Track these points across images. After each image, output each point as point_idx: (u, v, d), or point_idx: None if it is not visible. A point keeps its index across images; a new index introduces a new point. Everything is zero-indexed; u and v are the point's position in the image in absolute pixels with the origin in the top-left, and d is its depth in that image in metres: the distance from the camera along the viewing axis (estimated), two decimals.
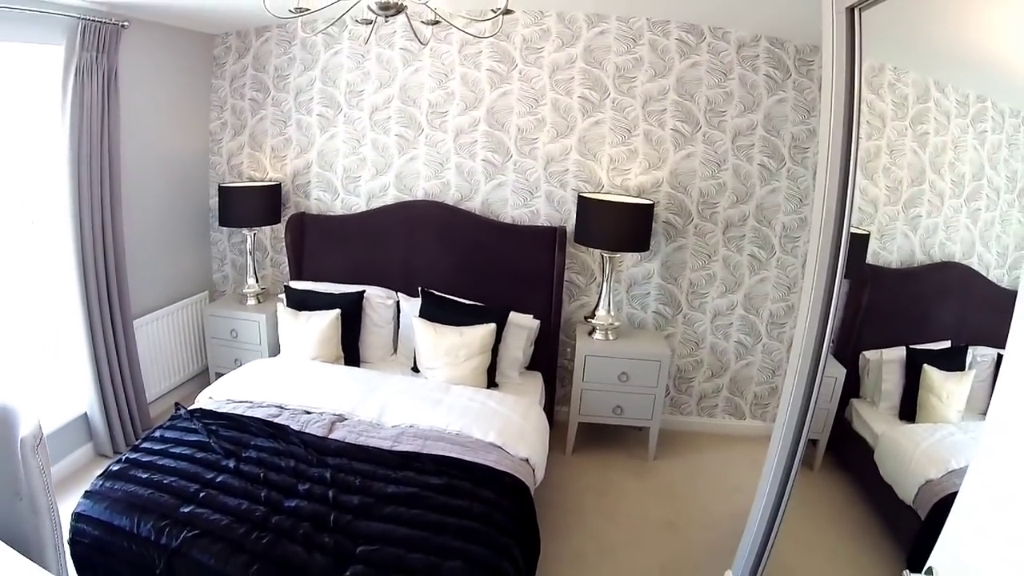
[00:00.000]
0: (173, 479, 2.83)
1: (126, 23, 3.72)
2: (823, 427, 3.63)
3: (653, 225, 4.32)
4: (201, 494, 2.75)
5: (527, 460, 3.35)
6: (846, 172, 2.47)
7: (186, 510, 2.66)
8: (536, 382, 4.38)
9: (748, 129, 4.36)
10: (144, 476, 2.84)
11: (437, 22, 2.58)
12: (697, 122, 4.37)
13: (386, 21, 2.49)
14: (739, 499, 3.44)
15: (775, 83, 4.27)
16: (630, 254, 4.56)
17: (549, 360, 4.60)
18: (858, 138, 2.46)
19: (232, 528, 2.58)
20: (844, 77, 2.39)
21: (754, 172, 4.42)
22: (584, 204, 4.28)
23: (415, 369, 4.27)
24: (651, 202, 4.26)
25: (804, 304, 2.75)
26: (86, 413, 4.01)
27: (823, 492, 3.68)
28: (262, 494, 2.78)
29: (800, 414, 2.75)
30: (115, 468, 2.91)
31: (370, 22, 2.48)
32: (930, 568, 1.42)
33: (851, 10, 2.27)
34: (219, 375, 4.30)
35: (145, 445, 3.12)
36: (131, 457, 3.00)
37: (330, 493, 2.82)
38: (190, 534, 2.55)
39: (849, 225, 2.53)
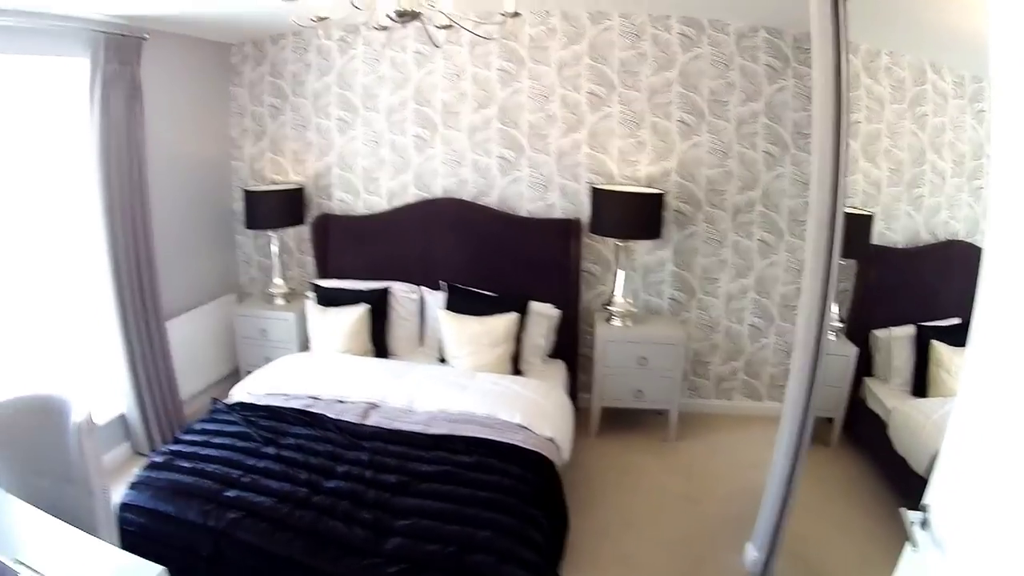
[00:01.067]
0: (216, 467, 2.94)
1: (146, 35, 3.84)
2: (837, 406, 3.73)
3: (664, 214, 4.43)
4: (244, 479, 2.86)
5: (552, 439, 3.46)
6: (836, 154, 2.57)
7: (230, 494, 2.77)
8: (559, 369, 4.47)
9: (751, 117, 4.45)
10: (188, 465, 2.95)
11: (450, 26, 2.68)
12: (702, 112, 4.48)
13: (403, 27, 2.60)
14: (756, 475, 3.48)
15: (775, 72, 4.37)
16: (643, 242, 4.65)
17: (570, 348, 4.70)
18: (848, 123, 2.54)
19: (275, 508, 2.69)
20: (831, 64, 2.51)
21: (759, 159, 4.51)
22: (597, 195, 4.40)
23: (442, 359, 4.37)
24: (661, 191, 4.36)
25: (805, 284, 2.86)
26: (123, 414, 4.13)
27: (839, 468, 3.78)
28: (302, 476, 2.89)
29: (807, 387, 2.85)
30: (159, 459, 3.03)
31: (386, 28, 2.59)
32: (925, 505, 1.55)
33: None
34: (249, 373, 4.36)
35: (186, 438, 3.24)
36: (173, 449, 3.11)
37: (367, 473, 2.94)
38: (235, 516, 2.67)
39: (842, 205, 2.61)
